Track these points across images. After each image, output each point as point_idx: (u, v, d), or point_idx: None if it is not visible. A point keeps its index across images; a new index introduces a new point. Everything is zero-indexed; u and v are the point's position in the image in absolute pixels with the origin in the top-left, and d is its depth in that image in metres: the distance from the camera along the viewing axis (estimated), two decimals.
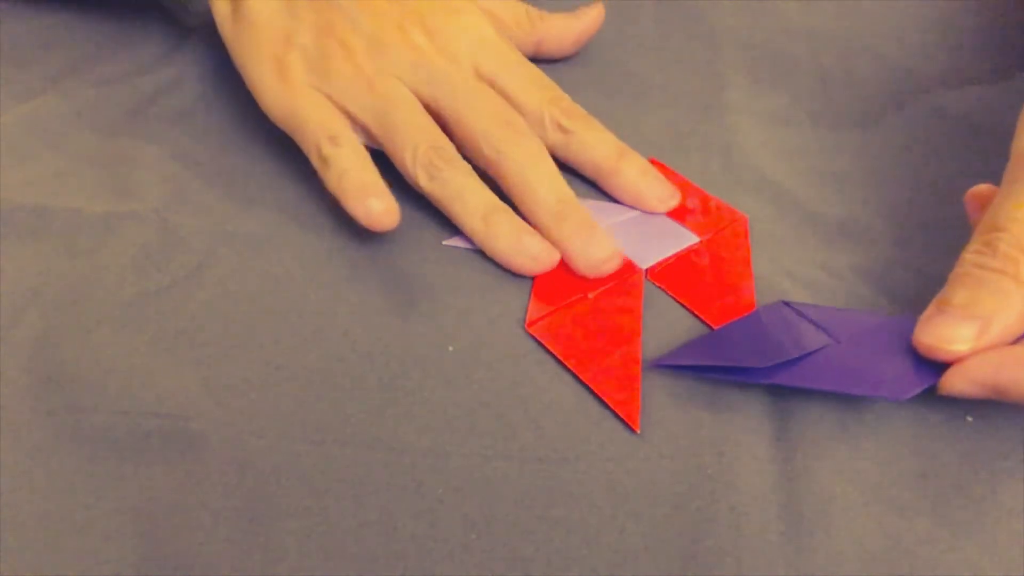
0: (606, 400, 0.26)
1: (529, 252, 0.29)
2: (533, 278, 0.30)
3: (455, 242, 0.31)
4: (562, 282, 0.30)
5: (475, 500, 0.24)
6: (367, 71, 0.32)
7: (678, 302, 0.29)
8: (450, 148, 0.31)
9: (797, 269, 0.31)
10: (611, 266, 0.30)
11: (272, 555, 0.23)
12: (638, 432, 0.25)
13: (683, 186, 0.34)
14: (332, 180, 0.30)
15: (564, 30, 0.39)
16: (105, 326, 0.27)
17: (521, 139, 0.32)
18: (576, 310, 0.29)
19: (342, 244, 0.31)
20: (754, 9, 0.43)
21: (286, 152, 0.34)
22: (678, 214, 0.33)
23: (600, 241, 0.30)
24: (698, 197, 0.33)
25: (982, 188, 0.28)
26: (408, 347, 0.27)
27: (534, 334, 0.28)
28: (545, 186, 0.31)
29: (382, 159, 0.31)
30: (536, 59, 0.39)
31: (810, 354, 0.26)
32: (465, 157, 0.31)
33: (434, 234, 0.31)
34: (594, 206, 0.33)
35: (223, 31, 0.35)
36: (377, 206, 0.29)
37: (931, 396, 0.26)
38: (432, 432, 0.25)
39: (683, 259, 0.31)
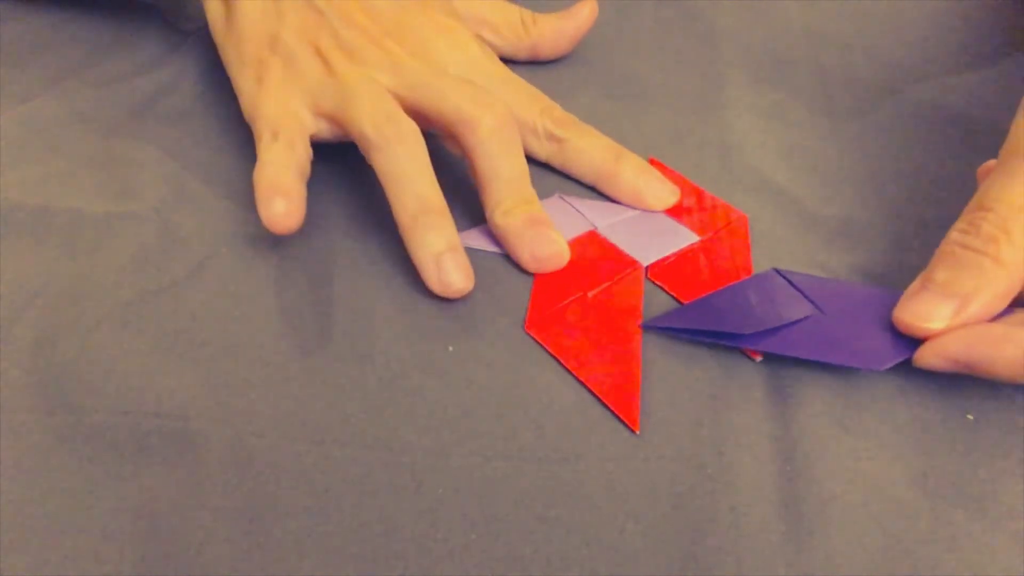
0: (605, 401, 0.26)
1: (447, 277, 0.28)
2: (533, 278, 0.30)
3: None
4: (562, 282, 0.30)
5: (475, 500, 0.24)
6: (340, 70, 0.32)
7: (678, 300, 0.29)
8: (408, 122, 0.30)
9: (797, 268, 0.31)
10: (554, 263, 0.30)
11: (272, 555, 0.23)
12: (638, 432, 0.25)
13: (683, 185, 0.34)
14: (254, 174, 0.30)
15: (558, 32, 0.39)
16: (105, 326, 0.27)
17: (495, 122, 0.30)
18: (576, 310, 0.29)
19: (342, 244, 0.31)
20: (754, 9, 0.43)
21: None
22: (677, 213, 0.33)
23: (548, 238, 0.30)
24: (698, 196, 0.33)
25: (992, 164, 0.28)
26: (408, 347, 0.27)
27: (534, 335, 0.28)
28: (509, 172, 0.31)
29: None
30: (533, 62, 0.39)
31: (794, 323, 0.27)
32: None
33: None
34: (593, 206, 0.33)
35: (215, 35, 0.35)
36: (279, 207, 0.29)
37: (931, 395, 0.26)
38: (432, 432, 0.25)
39: (683, 258, 0.31)
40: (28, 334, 0.27)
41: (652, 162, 0.35)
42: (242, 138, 0.35)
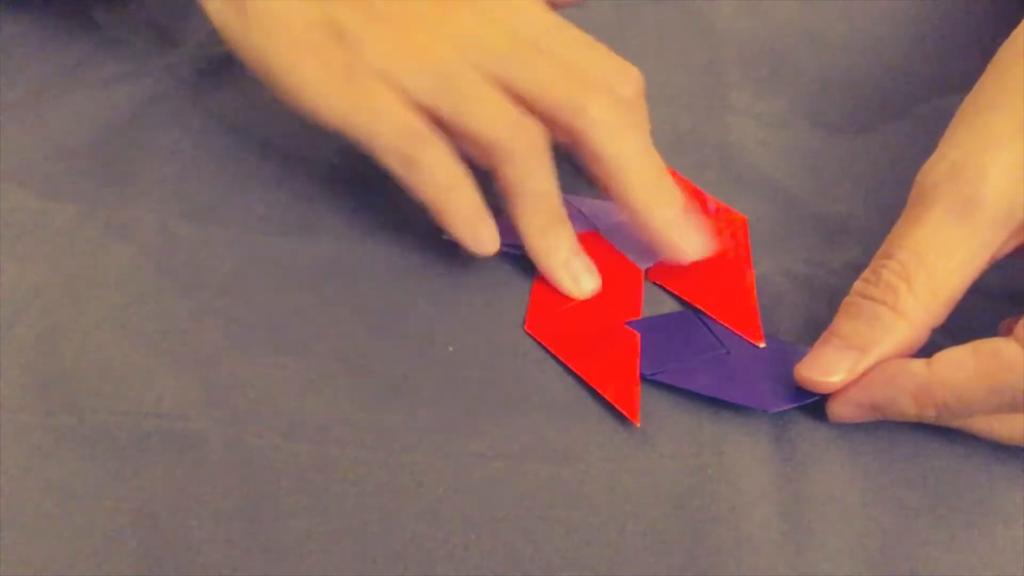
0: (605, 395, 0.26)
1: (580, 281, 0.29)
2: (533, 278, 0.30)
3: None
4: None
5: (475, 500, 0.24)
6: (424, 47, 0.27)
7: (678, 299, 0.29)
8: (535, 126, 0.28)
9: (797, 269, 0.31)
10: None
11: (272, 555, 0.23)
12: (638, 425, 0.25)
13: (683, 186, 0.34)
14: (428, 191, 0.28)
15: None
16: (105, 326, 0.27)
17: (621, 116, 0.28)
18: (575, 310, 0.29)
19: (342, 244, 0.31)
20: (754, 9, 0.43)
21: (287, 151, 0.34)
22: None
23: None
24: (698, 197, 0.33)
25: None
26: (408, 347, 0.27)
27: (533, 334, 0.28)
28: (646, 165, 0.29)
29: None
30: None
31: (701, 359, 0.27)
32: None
33: (435, 232, 0.31)
34: (594, 206, 0.33)
35: (226, 31, 0.29)
36: (487, 234, 0.28)
37: None
38: (432, 432, 0.25)
39: None
40: (28, 334, 0.27)
41: None
42: (244, 138, 0.35)
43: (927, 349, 0.25)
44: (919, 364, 0.24)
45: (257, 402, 0.26)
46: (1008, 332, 0.23)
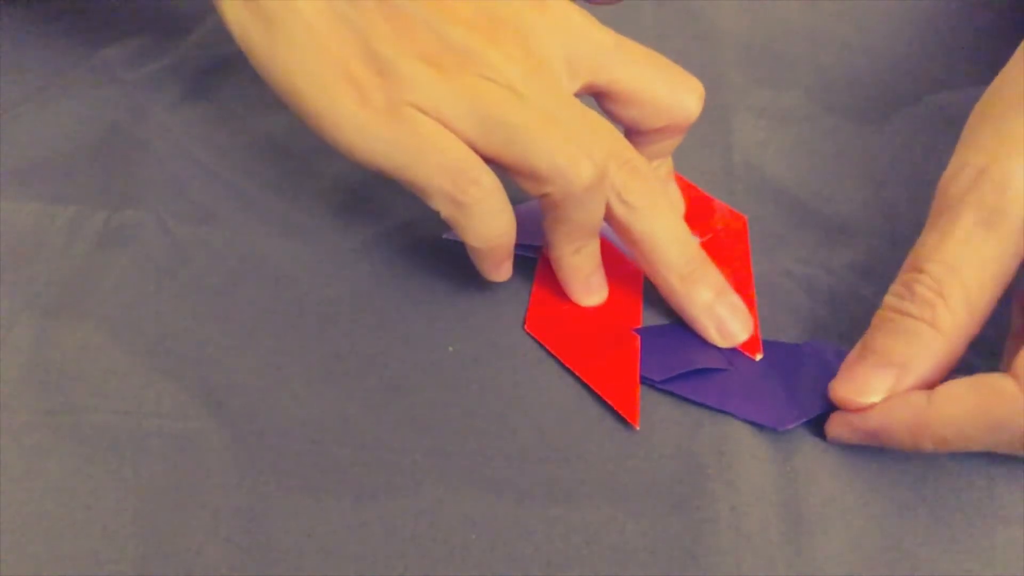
0: (605, 397, 0.26)
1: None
2: (533, 278, 0.30)
3: (454, 235, 0.30)
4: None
5: (475, 500, 0.24)
6: (466, 80, 0.25)
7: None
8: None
9: (797, 268, 0.31)
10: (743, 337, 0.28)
11: (272, 555, 0.23)
12: (638, 428, 0.25)
13: (683, 186, 0.34)
14: (474, 241, 0.26)
15: None
16: (105, 326, 0.27)
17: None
18: (576, 310, 0.29)
19: (342, 244, 0.31)
20: (754, 9, 0.43)
21: (288, 151, 0.34)
22: None
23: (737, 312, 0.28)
24: (698, 197, 0.33)
25: None
26: (408, 347, 0.27)
27: (534, 334, 0.28)
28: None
29: None
30: None
31: (707, 371, 0.27)
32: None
33: (434, 232, 0.31)
34: None
35: (250, 47, 0.26)
36: (507, 268, 0.28)
37: None
38: (432, 432, 0.25)
39: None
40: (28, 334, 0.27)
41: None
42: (245, 138, 0.35)
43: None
44: (919, 396, 0.23)
45: (257, 402, 0.26)
46: (1008, 365, 0.23)
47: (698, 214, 0.33)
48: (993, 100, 0.25)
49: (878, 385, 0.24)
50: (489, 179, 0.25)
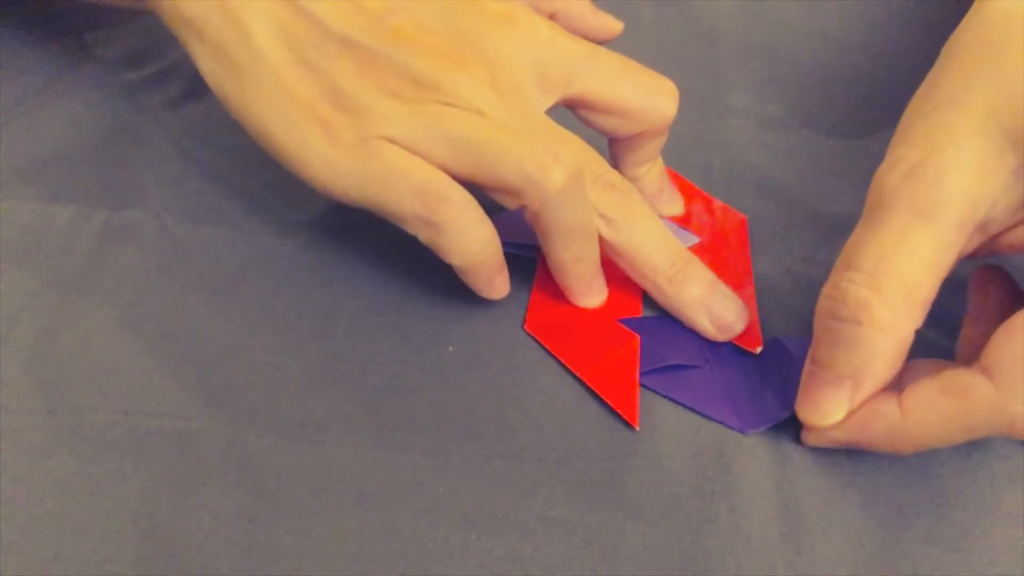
0: (605, 398, 0.26)
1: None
2: (533, 278, 0.30)
3: None
4: None
5: (475, 500, 0.24)
6: (432, 108, 0.26)
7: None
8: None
9: (797, 268, 0.31)
10: (739, 328, 0.28)
11: (272, 555, 0.23)
12: (638, 428, 0.25)
13: (683, 187, 0.34)
14: (455, 259, 0.26)
15: (580, 13, 0.34)
16: (105, 326, 0.27)
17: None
18: (575, 310, 0.29)
19: (342, 244, 0.31)
20: (754, 9, 0.43)
21: None
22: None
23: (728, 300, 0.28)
24: (698, 198, 0.33)
25: None
26: (408, 347, 0.27)
27: (533, 334, 0.28)
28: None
29: None
30: None
31: (684, 367, 0.27)
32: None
33: None
34: None
35: (223, 96, 0.28)
36: (504, 283, 0.28)
37: None
38: (432, 432, 0.25)
39: None
40: (28, 334, 0.27)
41: None
42: (245, 138, 0.35)
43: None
44: (890, 405, 0.23)
45: (257, 402, 0.26)
46: (971, 357, 0.23)
47: (698, 214, 0.33)
48: (927, 95, 0.25)
49: (836, 401, 0.24)
50: (460, 196, 0.25)
